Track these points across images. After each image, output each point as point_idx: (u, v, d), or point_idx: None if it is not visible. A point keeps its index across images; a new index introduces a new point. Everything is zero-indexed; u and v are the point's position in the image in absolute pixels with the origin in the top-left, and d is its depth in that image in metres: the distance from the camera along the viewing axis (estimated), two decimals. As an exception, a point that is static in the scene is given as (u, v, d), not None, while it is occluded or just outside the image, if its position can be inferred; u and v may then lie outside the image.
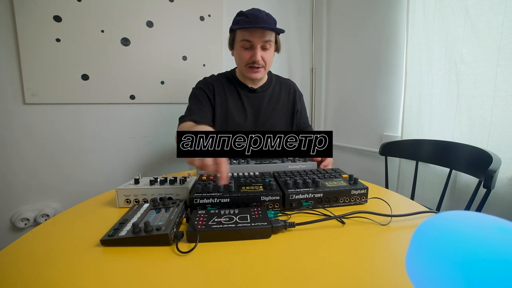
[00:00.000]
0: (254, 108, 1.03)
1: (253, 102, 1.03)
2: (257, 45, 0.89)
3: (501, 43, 0.88)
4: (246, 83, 1.02)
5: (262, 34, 0.88)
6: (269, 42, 0.91)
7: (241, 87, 1.03)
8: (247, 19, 0.88)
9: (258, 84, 1.04)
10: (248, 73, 0.95)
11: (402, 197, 0.66)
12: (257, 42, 0.89)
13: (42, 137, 1.14)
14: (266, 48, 0.92)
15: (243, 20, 0.89)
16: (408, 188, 1.12)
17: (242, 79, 1.03)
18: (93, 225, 0.50)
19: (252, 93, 1.03)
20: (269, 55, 0.95)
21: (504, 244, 0.20)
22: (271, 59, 0.96)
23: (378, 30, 1.42)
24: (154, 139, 1.39)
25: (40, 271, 0.36)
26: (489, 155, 0.79)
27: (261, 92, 1.04)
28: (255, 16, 0.88)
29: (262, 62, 0.92)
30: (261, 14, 0.89)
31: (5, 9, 1.02)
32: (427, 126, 1.16)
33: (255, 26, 0.87)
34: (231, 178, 0.64)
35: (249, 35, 0.88)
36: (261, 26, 0.87)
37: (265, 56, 0.93)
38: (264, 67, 0.95)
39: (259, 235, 0.44)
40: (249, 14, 0.89)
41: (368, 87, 1.51)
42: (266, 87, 1.05)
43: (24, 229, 1.12)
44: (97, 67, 1.20)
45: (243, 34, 0.89)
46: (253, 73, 0.94)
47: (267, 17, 0.89)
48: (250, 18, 0.88)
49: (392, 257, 0.39)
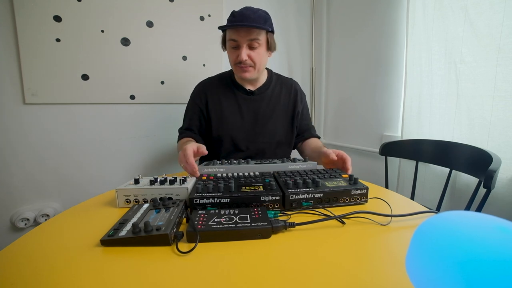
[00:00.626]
0: (252, 110, 1.01)
1: (250, 104, 1.01)
2: (242, 44, 0.88)
3: (500, 43, 0.88)
4: (243, 84, 1.01)
5: (247, 33, 0.87)
6: (256, 41, 0.88)
7: (238, 89, 1.01)
8: (233, 18, 0.87)
9: (256, 85, 1.02)
10: (238, 73, 0.94)
11: (402, 197, 0.66)
12: (242, 41, 0.88)
13: (42, 137, 1.14)
14: (253, 47, 0.89)
15: (230, 19, 0.88)
16: (408, 188, 1.12)
17: (239, 81, 1.01)
18: (93, 225, 0.50)
19: (250, 95, 1.01)
20: (258, 54, 0.91)
21: (504, 244, 0.20)
22: (260, 58, 0.92)
23: (378, 30, 1.42)
24: (154, 139, 1.39)
25: (40, 271, 0.36)
26: (489, 155, 0.79)
27: (259, 94, 1.02)
28: (241, 15, 0.87)
29: (250, 61, 0.90)
30: (248, 12, 0.87)
31: (5, 9, 1.02)
32: (427, 126, 1.16)
33: (238, 24, 0.85)
34: (231, 178, 0.64)
35: (235, 34, 0.88)
36: (243, 24, 0.85)
37: (253, 55, 0.90)
38: (254, 66, 0.92)
39: (259, 235, 0.44)
40: (236, 13, 0.88)
41: (368, 87, 1.51)
42: (265, 88, 1.03)
43: (24, 229, 1.12)
44: (97, 67, 1.20)
45: (230, 33, 0.89)
46: (242, 72, 0.92)
47: (255, 15, 0.86)
48: (237, 17, 0.87)
49: (392, 257, 0.39)
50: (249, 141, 1.01)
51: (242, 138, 1.00)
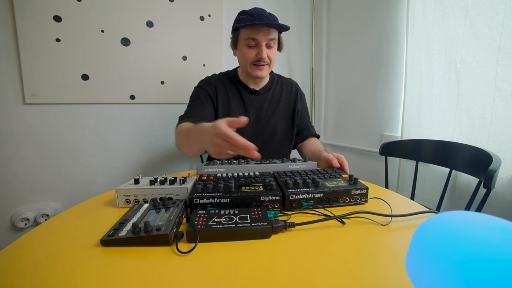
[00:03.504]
0: (255, 109, 1.03)
1: (254, 103, 1.03)
2: (262, 43, 0.90)
3: (501, 43, 0.88)
4: (248, 84, 1.02)
5: (267, 32, 0.89)
6: (273, 40, 0.92)
7: (243, 88, 1.03)
8: (251, 17, 0.88)
9: (260, 85, 1.04)
10: (253, 71, 0.95)
11: (402, 197, 0.66)
12: (262, 39, 0.89)
13: (42, 137, 1.14)
14: (270, 46, 0.93)
15: (247, 18, 0.89)
16: (408, 188, 1.12)
17: (244, 80, 1.03)
18: (93, 225, 0.50)
19: (254, 95, 1.03)
20: (274, 53, 0.96)
21: (504, 244, 0.20)
22: (275, 57, 0.97)
23: (378, 30, 1.42)
24: (154, 139, 1.39)
25: (40, 271, 0.36)
26: (489, 155, 0.79)
27: (263, 94, 1.04)
28: (259, 14, 0.89)
29: (268, 59, 0.93)
30: (264, 12, 0.90)
31: (5, 9, 1.02)
32: (427, 126, 1.16)
33: (261, 23, 0.87)
34: (231, 178, 0.64)
35: (255, 33, 0.88)
36: (266, 23, 0.88)
37: (270, 54, 0.93)
38: (269, 64, 0.95)
39: (259, 235, 0.44)
40: (253, 13, 0.89)
41: (368, 87, 1.51)
42: (268, 88, 1.05)
43: (24, 229, 1.12)
44: (97, 67, 1.20)
45: (248, 32, 0.89)
46: (258, 71, 0.94)
47: (271, 16, 0.91)
48: (255, 16, 0.88)
49: (392, 257, 0.39)
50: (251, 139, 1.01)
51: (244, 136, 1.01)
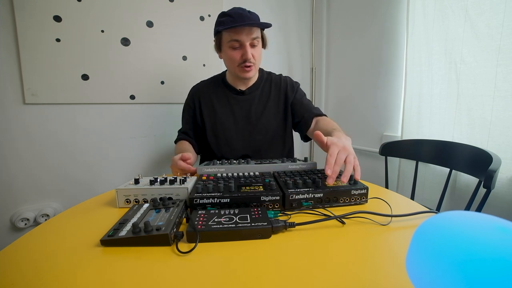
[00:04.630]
0: (244, 110, 1.02)
1: (242, 104, 1.02)
2: (246, 43, 0.89)
3: (501, 43, 0.88)
4: (236, 85, 1.02)
5: (250, 31, 0.88)
6: (257, 39, 0.91)
7: (230, 90, 1.03)
8: (232, 19, 0.87)
9: (247, 84, 1.03)
10: (241, 73, 0.94)
11: (402, 197, 0.66)
12: (245, 40, 0.88)
13: (42, 137, 1.14)
14: (254, 45, 0.92)
15: (228, 20, 0.88)
16: (408, 188, 1.12)
17: (232, 82, 1.03)
18: (93, 225, 0.50)
19: (241, 95, 1.02)
20: (258, 52, 0.95)
21: (504, 244, 0.20)
22: (260, 56, 0.96)
23: (378, 30, 1.42)
24: (154, 139, 1.39)
25: (40, 271, 0.36)
26: (489, 155, 0.79)
27: (250, 93, 1.03)
28: (239, 15, 0.87)
29: (253, 59, 0.92)
30: (244, 12, 0.89)
31: (5, 9, 1.02)
32: (427, 126, 1.16)
33: (242, 24, 0.86)
34: (231, 178, 0.64)
35: (237, 34, 0.88)
36: (247, 24, 0.87)
37: (255, 53, 0.93)
38: (255, 64, 0.94)
39: (259, 235, 0.44)
40: (233, 14, 0.88)
41: (368, 87, 1.51)
42: (256, 87, 1.04)
43: (24, 229, 1.12)
44: (97, 67, 1.20)
45: (230, 34, 0.89)
46: (246, 72, 0.94)
47: (251, 14, 0.89)
48: (235, 17, 0.87)
49: (392, 257, 0.39)
50: (244, 140, 1.03)
51: (236, 138, 1.02)
